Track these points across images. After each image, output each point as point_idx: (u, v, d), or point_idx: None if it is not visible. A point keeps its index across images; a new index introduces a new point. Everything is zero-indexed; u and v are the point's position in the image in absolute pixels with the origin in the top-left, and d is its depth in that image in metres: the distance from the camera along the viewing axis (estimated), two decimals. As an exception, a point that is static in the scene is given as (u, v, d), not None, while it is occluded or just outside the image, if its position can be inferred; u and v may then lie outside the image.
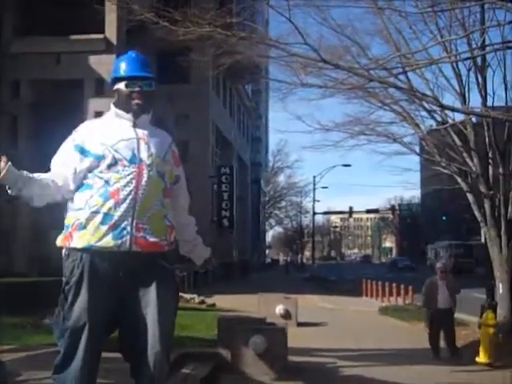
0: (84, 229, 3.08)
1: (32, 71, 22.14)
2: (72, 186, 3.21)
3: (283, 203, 78.18)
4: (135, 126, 3.26)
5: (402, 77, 12.59)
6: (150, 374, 3.07)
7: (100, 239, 3.05)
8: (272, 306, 12.98)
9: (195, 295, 17.91)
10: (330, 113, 17.08)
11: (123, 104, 3.27)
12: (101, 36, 21.92)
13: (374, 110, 14.13)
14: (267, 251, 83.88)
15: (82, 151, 3.18)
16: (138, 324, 3.09)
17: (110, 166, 3.12)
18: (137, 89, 3.24)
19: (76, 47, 21.86)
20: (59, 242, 3.19)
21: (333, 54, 10.38)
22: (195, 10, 8.28)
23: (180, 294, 15.05)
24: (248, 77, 31.33)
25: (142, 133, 3.25)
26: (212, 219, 31.91)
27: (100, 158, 3.13)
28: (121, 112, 3.28)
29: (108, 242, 3.05)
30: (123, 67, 3.32)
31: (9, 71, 22.72)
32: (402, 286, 19.47)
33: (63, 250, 3.19)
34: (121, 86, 3.28)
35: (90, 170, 3.16)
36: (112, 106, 3.32)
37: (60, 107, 21.97)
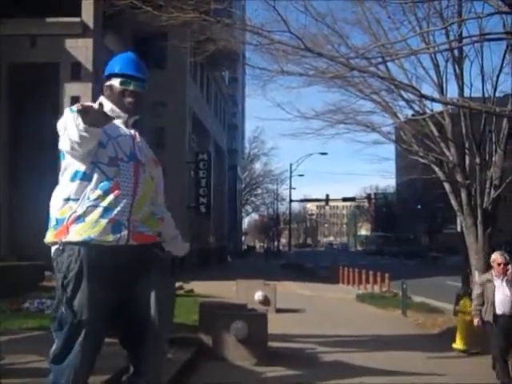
0: (83, 222, 3.06)
1: (7, 54, 21.82)
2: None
3: (259, 190, 78.35)
4: (127, 125, 3.29)
5: (381, 67, 12.73)
6: (152, 361, 3.13)
7: (99, 233, 3.05)
8: (251, 293, 13.06)
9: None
10: (309, 101, 17.14)
11: (115, 100, 3.27)
12: (77, 19, 21.69)
13: (354, 100, 14.25)
14: (243, 238, 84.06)
15: None
16: (139, 314, 3.12)
17: (111, 159, 3.12)
18: (131, 88, 3.27)
19: (52, 30, 21.56)
20: (51, 237, 3.13)
21: (314, 43, 10.43)
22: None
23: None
24: (227, 64, 31.26)
25: (134, 132, 3.29)
26: (189, 205, 31.89)
27: (102, 146, 3.12)
28: (115, 108, 3.27)
29: (108, 236, 3.06)
30: (120, 65, 3.34)
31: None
32: (379, 274, 19.71)
33: (56, 245, 3.11)
34: (115, 82, 3.29)
35: (92, 151, 3.08)
36: (104, 99, 3.28)
37: (36, 91, 21.74)
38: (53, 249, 3.15)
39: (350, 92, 13.71)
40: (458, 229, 15.01)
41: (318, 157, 46.45)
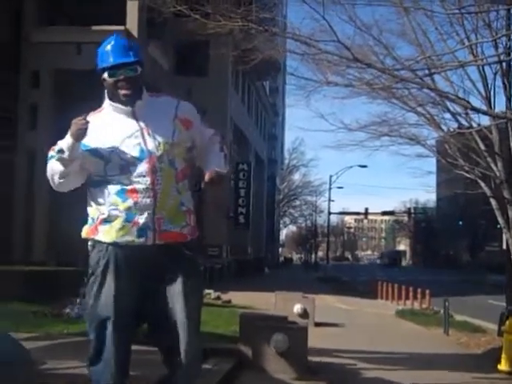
0: (108, 224, 3.08)
1: (53, 61, 22.22)
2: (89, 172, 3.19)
3: (297, 202, 78.00)
4: (134, 114, 3.16)
5: (427, 79, 12.53)
6: (184, 364, 3.07)
7: (124, 236, 3.06)
8: (289, 305, 12.92)
9: (211, 291, 17.89)
10: (353, 112, 17.01)
11: (111, 94, 3.17)
12: (122, 28, 21.96)
13: (399, 112, 14.09)
14: (280, 250, 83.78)
15: (88, 149, 3.12)
16: (166, 314, 3.09)
17: (121, 168, 3.08)
18: (121, 77, 3.11)
19: (97, 38, 21.78)
20: (85, 233, 3.19)
21: (360, 54, 10.33)
22: (226, 4, 8.24)
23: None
24: (269, 73, 31.26)
25: (143, 122, 3.14)
26: (228, 215, 31.91)
27: (108, 161, 3.08)
28: (116, 104, 3.17)
29: (132, 239, 3.06)
30: (103, 57, 3.19)
31: (30, 60, 22.84)
32: (419, 290, 19.34)
33: (89, 242, 3.18)
34: (105, 75, 3.16)
35: (99, 169, 3.12)
36: (106, 97, 3.23)
37: (80, 97, 22.07)
38: (88, 245, 3.20)
39: (394, 104, 13.54)
40: (504, 246, 14.60)
41: (358, 169, 46.22)
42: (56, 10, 23.51)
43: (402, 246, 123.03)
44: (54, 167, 3.08)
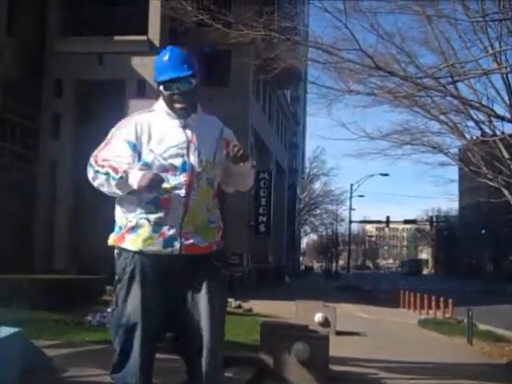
0: (135, 233, 3.09)
1: (75, 71, 22.46)
2: None
3: (318, 211, 77.77)
4: (186, 126, 3.19)
5: (450, 87, 12.44)
6: (206, 373, 3.07)
7: (151, 246, 3.07)
8: (310, 314, 12.85)
9: (232, 299, 17.86)
10: (374, 121, 16.96)
11: (168, 106, 3.20)
12: (144, 37, 22.14)
13: (421, 120, 14.02)
14: (301, 258, 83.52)
15: (135, 150, 3.13)
16: (190, 323, 3.09)
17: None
18: (176, 91, 3.15)
19: (119, 48, 22.10)
20: (111, 241, 3.20)
21: (382, 62, 10.29)
22: (248, 13, 8.26)
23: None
24: (290, 82, 31.27)
25: (191, 134, 3.17)
26: (249, 224, 31.90)
27: (148, 166, 3.08)
28: (170, 112, 3.21)
29: (159, 250, 3.07)
30: (160, 69, 3.21)
31: (52, 70, 23.11)
32: (442, 299, 19.14)
33: (115, 250, 3.20)
34: (161, 88, 3.20)
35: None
36: (161, 100, 3.26)
37: (102, 107, 22.27)
38: (115, 253, 3.22)
39: (417, 112, 13.48)
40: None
41: (379, 178, 45.97)
42: (79, 21, 23.79)
43: (424, 254, 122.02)
44: (106, 184, 3.09)
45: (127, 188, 3.05)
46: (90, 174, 3.13)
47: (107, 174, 3.05)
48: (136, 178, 2.98)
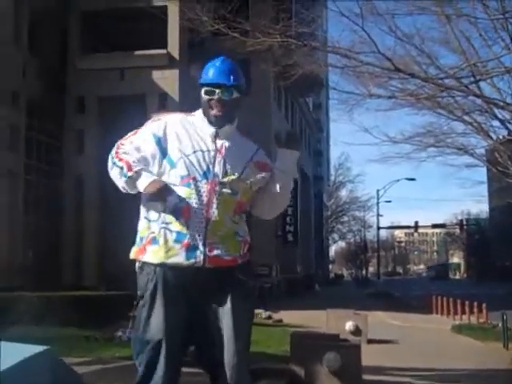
0: (157, 244, 3.02)
1: (97, 87, 22.70)
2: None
3: (346, 218, 77.36)
4: (217, 135, 3.13)
5: (472, 86, 12.24)
6: None
7: (173, 258, 2.99)
8: (341, 322, 12.69)
9: (261, 311, 17.76)
10: (397, 124, 16.80)
11: (204, 111, 3.16)
12: (163, 51, 22.27)
13: (444, 122, 13.82)
14: (330, 266, 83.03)
15: (161, 148, 3.08)
16: (215, 337, 3.02)
17: (182, 178, 3.02)
18: (215, 97, 3.10)
19: (139, 62, 22.29)
20: (133, 254, 3.14)
21: (401, 64, 10.16)
22: (264, 21, 8.21)
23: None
24: (311, 88, 31.15)
25: (221, 145, 3.11)
26: (276, 234, 31.78)
27: (173, 166, 3.04)
28: (206, 119, 3.18)
29: (181, 261, 2.99)
30: (206, 73, 3.19)
31: (75, 87, 23.37)
32: (476, 304, 18.79)
33: (137, 263, 3.13)
34: (202, 91, 3.16)
35: (161, 173, 3.08)
36: (200, 110, 3.23)
37: (124, 122, 22.44)
38: (136, 266, 3.13)
39: (440, 114, 13.30)
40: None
41: (406, 182, 45.58)
42: (99, 37, 24.03)
43: (456, 258, 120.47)
44: (118, 179, 3.08)
45: (135, 188, 3.04)
46: (109, 164, 3.13)
47: (121, 168, 3.04)
48: (144, 183, 2.97)
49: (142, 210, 3.17)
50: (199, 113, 3.22)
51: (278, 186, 3.20)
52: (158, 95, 21.97)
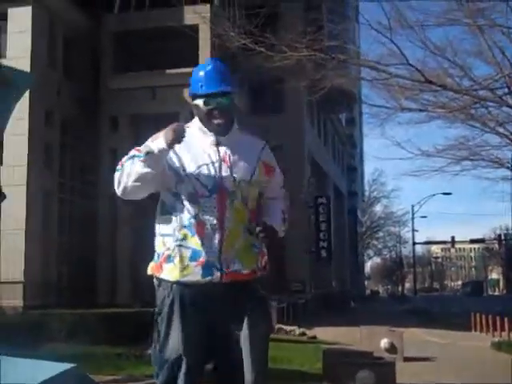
0: (172, 263, 2.93)
1: (129, 106, 22.93)
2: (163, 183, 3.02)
3: (381, 233, 76.54)
4: (219, 144, 3.01)
5: (506, 97, 11.99)
6: None
7: (188, 276, 2.90)
8: (376, 339, 12.45)
9: (295, 327, 17.59)
10: (430, 138, 16.57)
11: (204, 122, 3.04)
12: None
13: (478, 133, 13.57)
14: (366, 282, 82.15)
15: (168, 165, 2.97)
16: (233, 354, 2.92)
17: (190, 196, 2.92)
18: (216, 106, 2.99)
19: (171, 81, 22.43)
20: (150, 270, 3.07)
21: (433, 76, 10.00)
22: (290, 34, 8.16)
23: (280, 325, 14.74)
24: (343, 104, 31.01)
25: (225, 153, 2.99)
26: (310, 250, 31.56)
27: (178, 184, 2.94)
28: (204, 128, 3.06)
29: (198, 279, 2.90)
30: (200, 82, 3.04)
31: (108, 106, 23.67)
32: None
33: (154, 279, 3.06)
34: (199, 102, 3.04)
35: (170, 187, 2.98)
36: (196, 118, 3.12)
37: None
38: (154, 281, 3.06)
39: (473, 126, 13.05)
40: None
41: (442, 197, 44.94)
42: (131, 57, 24.32)
43: (495, 274, 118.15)
44: (135, 167, 2.89)
45: (157, 160, 2.86)
46: (116, 180, 2.99)
47: (132, 157, 2.92)
48: (160, 140, 2.85)
49: (157, 226, 3.07)
50: (195, 124, 3.11)
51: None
52: (190, 113, 22.04)
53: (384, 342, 12.35)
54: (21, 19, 21.36)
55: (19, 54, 20.37)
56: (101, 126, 23.90)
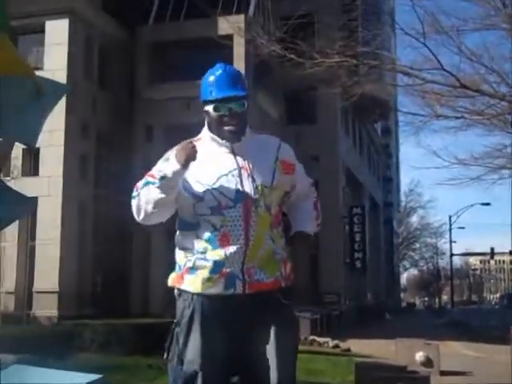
0: (194, 274, 2.84)
1: (164, 116, 23.09)
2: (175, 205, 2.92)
3: (417, 245, 75.49)
4: (236, 151, 2.89)
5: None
6: None
7: (210, 288, 2.80)
8: (411, 353, 12.18)
9: (329, 339, 17.35)
10: (467, 146, 16.26)
11: (215, 129, 2.91)
12: (229, 79, 22.48)
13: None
14: (402, 294, 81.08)
15: (186, 181, 2.84)
16: (258, 367, 2.79)
17: (213, 209, 2.80)
18: (227, 112, 2.85)
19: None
20: (171, 281, 2.98)
21: (468, 82, 9.78)
22: (322, 41, 8.05)
23: (313, 337, 14.52)
24: (379, 112, 30.69)
25: (242, 159, 2.86)
26: (344, 261, 31.25)
27: (199, 199, 2.81)
28: (216, 137, 2.92)
29: (219, 291, 2.79)
30: (210, 87, 2.89)
31: (142, 117, 23.86)
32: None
33: (175, 290, 2.96)
34: (209, 108, 2.90)
35: (188, 203, 2.85)
36: (206, 128, 2.98)
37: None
38: (175, 293, 2.97)
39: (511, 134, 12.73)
40: None
41: (480, 207, 44.18)
42: (166, 67, 24.51)
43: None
44: (151, 194, 2.80)
45: (172, 183, 2.77)
46: (134, 208, 2.92)
47: (147, 183, 2.83)
48: (173, 162, 2.74)
49: (177, 240, 2.99)
50: (205, 134, 2.98)
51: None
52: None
53: (419, 356, 12.09)
54: (58, 32, 21.75)
55: (56, 66, 20.72)
56: (135, 137, 24.10)
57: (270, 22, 25.35)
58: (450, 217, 48.90)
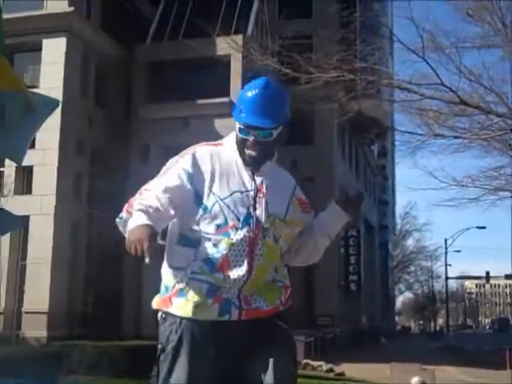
0: (184, 297, 2.62)
1: (160, 136, 22.97)
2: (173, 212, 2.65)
3: (412, 268, 75.28)
4: (257, 172, 2.69)
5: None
6: None
7: (203, 313, 2.59)
8: (406, 377, 11.99)
9: (323, 363, 17.07)
10: (463, 167, 16.18)
11: (239, 147, 2.71)
12: (226, 99, 22.40)
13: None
14: (397, 318, 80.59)
15: (190, 182, 2.64)
16: None
17: (218, 227, 2.59)
18: (250, 138, 2.64)
19: (202, 111, 22.47)
20: (156, 304, 2.75)
21: (467, 100, 9.69)
22: (319, 55, 7.96)
23: (307, 361, 14.28)
24: (374, 131, 30.59)
25: (261, 182, 2.66)
26: (339, 283, 31.01)
27: (207, 211, 2.60)
28: (238, 158, 2.73)
29: (213, 317, 2.58)
30: (242, 106, 2.68)
31: (139, 136, 23.75)
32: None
33: (159, 314, 2.73)
34: (236, 126, 2.70)
35: (190, 217, 2.64)
36: (234, 136, 2.75)
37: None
38: (158, 316, 2.72)
39: (509, 155, 12.65)
40: None
41: (476, 231, 44.15)
42: (163, 87, 24.47)
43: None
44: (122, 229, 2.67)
45: (124, 230, 2.60)
46: (121, 229, 2.69)
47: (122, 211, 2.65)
48: (130, 226, 2.52)
49: (167, 256, 2.76)
50: (229, 142, 2.78)
51: (317, 243, 2.80)
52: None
53: (415, 381, 11.88)
54: (55, 50, 21.70)
55: (52, 84, 20.61)
56: (131, 156, 23.95)
57: (267, 39, 25.38)
58: (446, 240, 48.75)
